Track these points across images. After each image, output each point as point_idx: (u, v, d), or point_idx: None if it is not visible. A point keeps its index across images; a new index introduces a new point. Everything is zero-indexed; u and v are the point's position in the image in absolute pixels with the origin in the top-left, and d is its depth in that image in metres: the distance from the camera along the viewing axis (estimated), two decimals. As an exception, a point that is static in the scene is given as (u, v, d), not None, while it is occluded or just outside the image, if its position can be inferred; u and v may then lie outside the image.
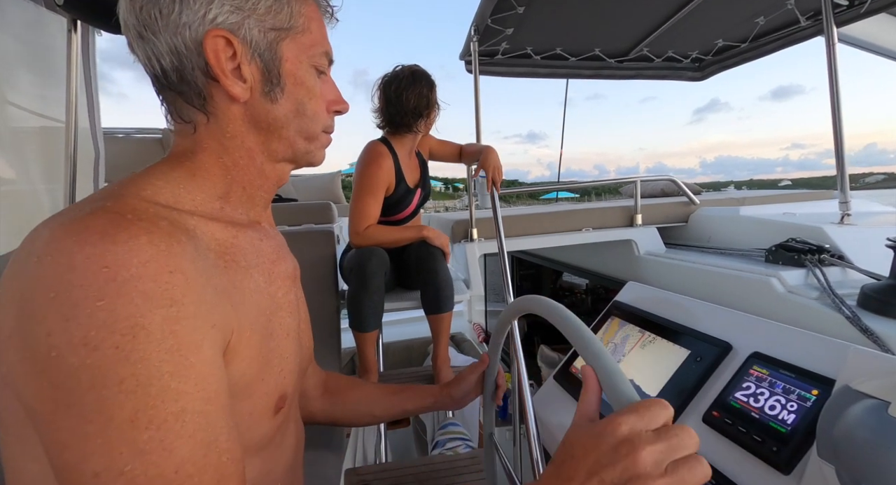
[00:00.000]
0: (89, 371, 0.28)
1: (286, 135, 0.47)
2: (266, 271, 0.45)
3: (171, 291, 0.31)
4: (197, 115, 0.43)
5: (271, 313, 0.44)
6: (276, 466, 0.47)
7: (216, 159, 0.44)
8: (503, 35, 1.95)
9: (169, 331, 0.30)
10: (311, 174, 4.00)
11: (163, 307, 0.30)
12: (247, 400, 0.40)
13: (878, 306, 0.98)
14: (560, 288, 3.07)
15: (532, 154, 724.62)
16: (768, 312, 1.20)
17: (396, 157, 1.48)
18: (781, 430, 0.63)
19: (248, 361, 0.39)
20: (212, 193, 0.43)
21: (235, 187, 0.45)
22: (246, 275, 0.41)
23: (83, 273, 0.29)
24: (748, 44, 2.13)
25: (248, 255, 0.43)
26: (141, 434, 0.28)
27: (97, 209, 0.32)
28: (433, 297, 1.40)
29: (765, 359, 0.74)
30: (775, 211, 1.83)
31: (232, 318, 0.37)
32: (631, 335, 1.03)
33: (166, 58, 0.40)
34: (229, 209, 0.44)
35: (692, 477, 0.29)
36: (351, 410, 0.70)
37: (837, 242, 1.33)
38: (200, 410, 0.31)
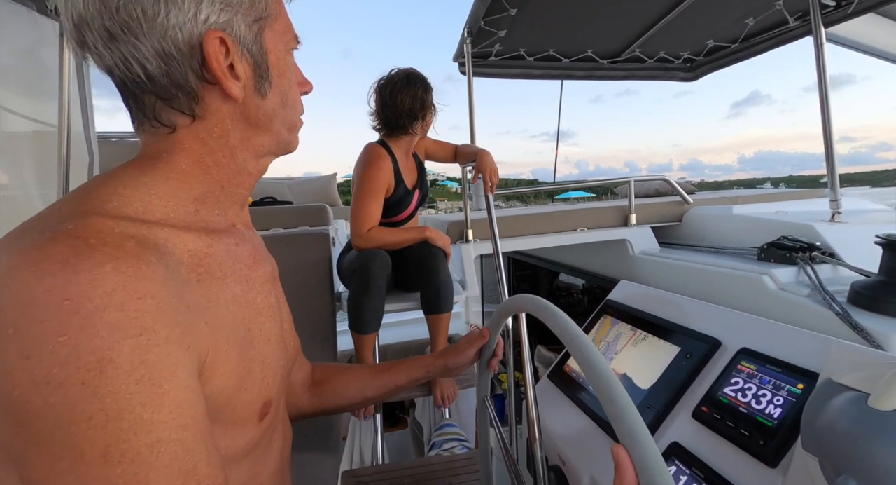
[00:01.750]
0: (54, 410, 0.27)
1: (273, 128, 0.46)
2: (243, 278, 0.44)
3: (140, 319, 0.29)
4: (178, 118, 0.41)
5: (250, 321, 0.43)
6: (264, 469, 0.46)
7: (196, 160, 0.42)
8: (496, 37, 1.96)
9: (139, 361, 0.29)
10: (307, 177, 4.01)
11: (131, 337, 0.29)
12: (230, 411, 0.39)
13: (868, 303, 0.99)
14: (557, 288, 3.08)
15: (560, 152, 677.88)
16: (761, 310, 1.21)
17: (395, 158, 1.49)
18: (768, 424, 0.64)
19: (228, 375, 0.38)
20: (187, 196, 0.41)
21: (214, 187, 0.43)
22: (221, 286, 0.40)
23: (43, 307, 0.27)
24: (738, 44, 2.15)
25: (224, 263, 0.41)
26: (114, 469, 0.27)
27: (58, 234, 0.30)
28: (433, 297, 1.41)
29: (753, 354, 0.74)
30: (768, 209, 1.85)
31: (206, 336, 0.36)
32: (623, 333, 1.03)
33: (152, 62, 0.38)
34: (205, 212, 0.42)
35: None
36: (340, 396, 0.68)
37: (828, 239, 1.34)
38: (177, 438, 0.30)
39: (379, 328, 1.42)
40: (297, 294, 1.71)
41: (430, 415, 1.70)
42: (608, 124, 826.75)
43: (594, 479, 0.78)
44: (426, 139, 1.68)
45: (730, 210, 1.84)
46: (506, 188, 2.32)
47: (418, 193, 1.60)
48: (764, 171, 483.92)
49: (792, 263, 1.29)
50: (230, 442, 0.40)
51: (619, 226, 2.01)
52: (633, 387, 0.87)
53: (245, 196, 0.48)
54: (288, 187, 3.60)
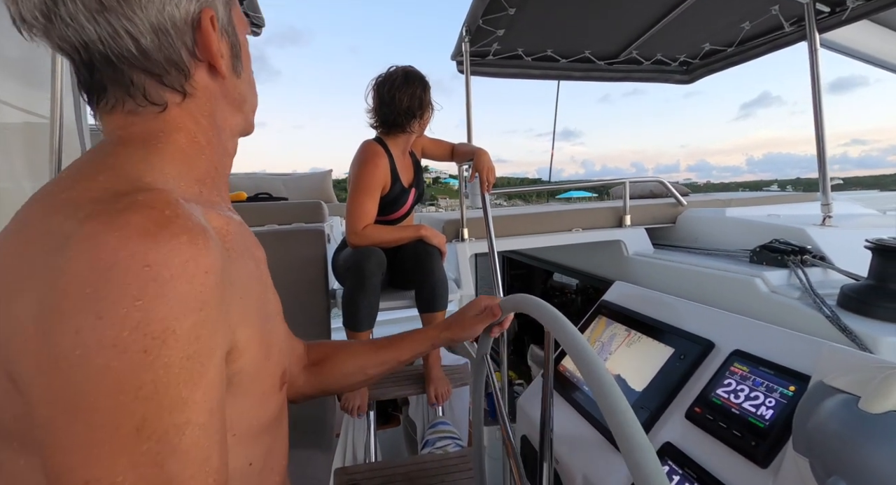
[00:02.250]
0: (112, 375, 0.26)
1: (245, 109, 0.48)
2: (252, 256, 0.45)
3: (203, 293, 0.30)
4: (170, 96, 0.40)
5: (264, 297, 0.44)
6: (277, 441, 0.47)
7: (191, 139, 0.41)
8: (494, 36, 1.96)
9: (195, 336, 0.29)
10: (302, 173, 3.98)
11: (194, 311, 0.29)
12: (259, 382, 0.40)
13: (857, 306, 1.00)
14: (551, 288, 3.09)
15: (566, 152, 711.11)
16: (752, 312, 1.22)
17: (391, 156, 1.48)
18: (760, 425, 0.64)
19: (256, 348, 0.39)
20: (191, 177, 0.41)
21: (209, 168, 0.43)
22: (241, 262, 0.40)
23: (125, 270, 0.27)
24: (734, 48, 2.17)
25: (238, 241, 0.42)
26: (141, 445, 0.27)
27: (135, 204, 0.31)
28: (428, 295, 1.41)
29: (745, 356, 0.75)
30: (760, 212, 1.87)
31: (240, 312, 0.36)
32: (617, 334, 1.04)
33: (146, 37, 0.37)
34: (206, 193, 0.42)
35: None
36: (339, 374, 0.67)
37: (819, 243, 1.36)
38: (203, 422, 0.30)
39: (373, 326, 1.41)
40: (291, 291, 1.70)
41: (424, 413, 1.71)
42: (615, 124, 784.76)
43: (587, 478, 0.79)
44: (423, 137, 1.67)
45: (723, 213, 1.86)
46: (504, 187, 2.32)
47: (414, 192, 1.59)
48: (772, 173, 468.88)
49: (783, 265, 1.31)
50: (261, 413, 0.40)
51: (613, 227, 2.02)
52: (626, 387, 0.87)
53: (228, 178, 0.49)
54: (283, 183, 3.57)
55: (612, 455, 0.78)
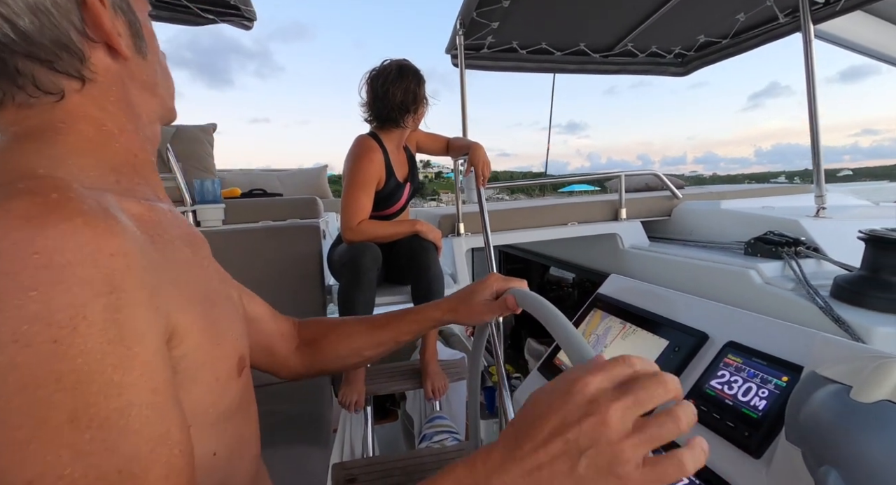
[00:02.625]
0: (20, 371, 0.25)
1: (159, 93, 0.45)
2: (189, 242, 0.42)
3: (112, 276, 0.28)
4: (66, 83, 0.37)
5: (206, 283, 0.42)
6: (247, 431, 0.46)
7: (98, 128, 0.38)
8: (489, 29, 1.94)
9: (111, 320, 0.27)
10: (297, 169, 3.96)
11: (104, 295, 0.27)
12: (210, 367, 0.38)
13: (850, 297, 1.01)
14: (547, 282, 3.10)
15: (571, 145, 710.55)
16: (747, 304, 1.23)
17: (386, 151, 1.48)
18: (753, 416, 0.65)
19: (201, 332, 0.37)
20: (104, 167, 0.38)
21: (127, 156, 0.41)
22: (173, 247, 0.38)
23: (10, 260, 0.25)
24: (729, 40, 2.16)
25: (168, 228, 0.39)
26: (82, 435, 0.26)
27: (14, 192, 0.28)
28: (424, 291, 1.41)
29: (739, 348, 0.76)
30: (755, 205, 1.87)
31: (173, 296, 0.34)
32: (613, 327, 1.05)
33: (25, 18, 0.33)
34: (126, 182, 0.39)
35: (662, 432, 0.28)
36: (333, 356, 0.64)
37: (813, 234, 1.37)
38: (148, 402, 0.29)
39: None
40: (287, 287, 1.71)
41: (421, 407, 1.71)
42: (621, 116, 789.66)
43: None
44: (417, 132, 1.66)
45: (717, 205, 1.86)
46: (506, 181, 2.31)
47: (409, 186, 1.59)
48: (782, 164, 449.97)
49: (777, 257, 1.31)
50: (217, 400, 0.39)
51: (609, 220, 2.03)
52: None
53: (155, 165, 0.46)
54: (278, 179, 3.55)
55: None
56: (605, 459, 0.28)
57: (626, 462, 0.27)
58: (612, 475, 0.28)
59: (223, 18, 1.89)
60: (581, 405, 0.29)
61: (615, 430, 0.28)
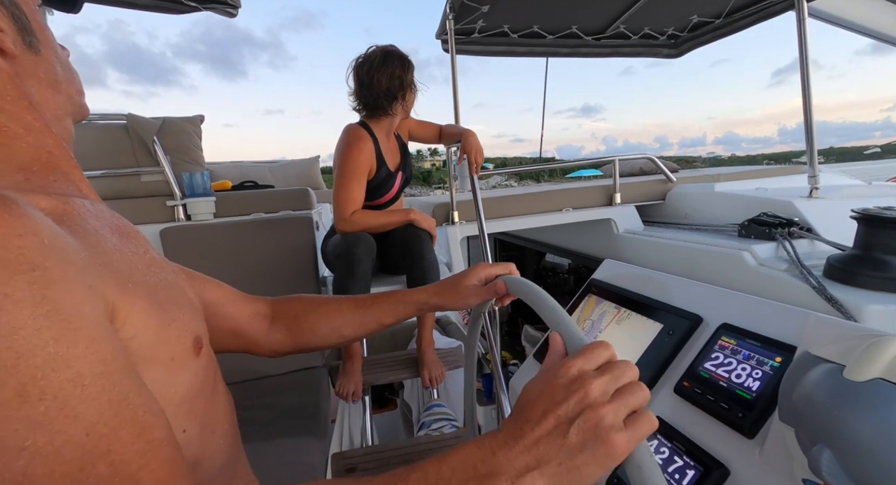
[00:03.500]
0: None
1: (62, 89, 0.44)
2: (116, 232, 0.41)
3: (27, 255, 0.27)
4: None
5: (143, 269, 0.40)
6: (217, 408, 0.46)
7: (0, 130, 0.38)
8: (479, 12, 1.91)
9: (41, 296, 0.27)
10: (290, 160, 3.91)
11: (24, 273, 0.26)
12: (163, 347, 0.38)
13: (843, 276, 1.01)
14: (543, 268, 3.10)
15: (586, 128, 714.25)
16: (741, 285, 1.23)
17: (376, 140, 1.46)
18: (747, 397, 0.65)
19: (146, 312, 0.36)
20: (8, 165, 0.37)
21: (39, 154, 0.40)
22: (97, 236, 0.37)
23: None
24: (722, 19, 2.13)
25: (88, 219, 0.38)
26: (36, 407, 0.26)
27: None
28: (419, 280, 1.40)
29: (733, 329, 0.76)
30: (748, 187, 1.87)
31: (106, 277, 0.33)
32: (607, 312, 1.05)
33: None
34: (37, 180, 0.39)
35: (634, 399, 0.34)
36: (312, 334, 0.64)
37: (806, 215, 1.37)
38: (99, 372, 0.28)
39: None
40: (280, 279, 1.70)
41: (419, 396, 1.72)
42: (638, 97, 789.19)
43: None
44: (409, 120, 1.64)
45: (711, 188, 1.86)
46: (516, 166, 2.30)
47: (401, 175, 1.57)
48: None
49: (771, 238, 1.31)
50: (176, 378, 0.39)
51: (603, 205, 2.02)
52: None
53: (74, 162, 0.44)
54: (269, 171, 3.51)
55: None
56: (590, 424, 0.33)
57: (610, 425, 0.33)
58: (598, 437, 0.32)
59: (206, 6, 1.84)
60: (567, 386, 0.35)
61: (597, 400, 0.34)
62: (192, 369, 0.41)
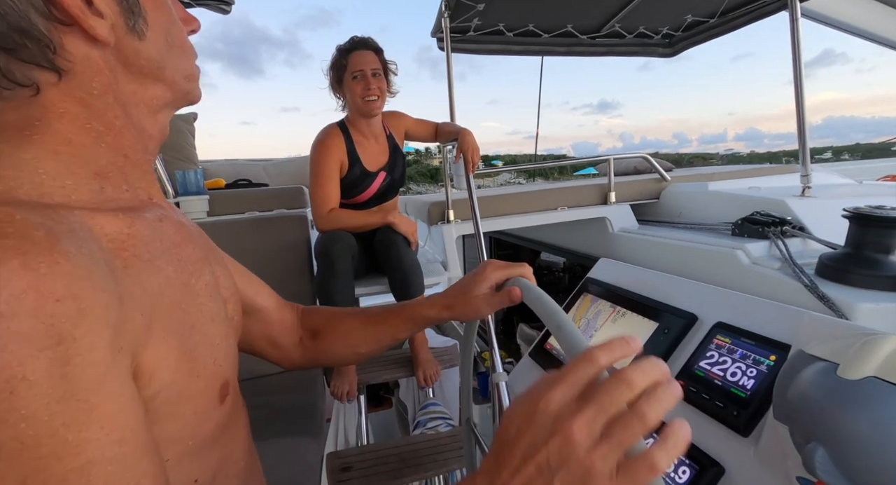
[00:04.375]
0: None
1: (165, 77, 0.39)
2: (175, 258, 0.38)
3: (58, 326, 0.25)
4: (40, 74, 0.32)
5: (188, 305, 0.38)
6: (235, 447, 0.45)
7: (82, 126, 0.34)
8: (474, 11, 1.90)
9: (59, 376, 0.24)
10: (283, 158, 3.89)
11: (49, 348, 0.24)
12: (187, 402, 0.36)
13: (835, 274, 1.02)
14: (538, 267, 3.11)
15: (602, 125, 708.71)
16: (735, 284, 1.24)
17: (350, 137, 1.46)
18: (742, 395, 0.66)
19: (175, 366, 0.34)
20: (86, 171, 0.34)
21: (115, 157, 0.36)
22: (152, 269, 0.34)
23: None
24: (717, 19, 2.14)
25: (151, 244, 0.35)
26: None
27: None
28: (401, 282, 1.40)
29: (728, 328, 0.76)
30: (741, 185, 1.89)
31: (142, 329, 0.31)
32: (603, 311, 1.05)
33: None
34: (111, 188, 0.36)
35: (628, 435, 0.27)
36: (330, 352, 0.63)
37: (798, 214, 1.38)
38: (112, 455, 0.26)
39: None
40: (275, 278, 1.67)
41: (415, 394, 1.72)
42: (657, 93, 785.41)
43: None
44: (406, 119, 1.63)
45: (705, 187, 1.87)
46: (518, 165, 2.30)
47: (384, 176, 1.55)
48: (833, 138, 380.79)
49: (764, 237, 1.32)
50: (196, 431, 0.37)
51: (598, 204, 2.03)
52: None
53: (151, 162, 0.42)
54: (263, 169, 3.49)
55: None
56: (576, 476, 0.27)
57: (598, 475, 0.27)
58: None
59: (199, 2, 1.83)
60: (546, 425, 0.29)
61: (581, 445, 0.27)
62: (213, 419, 0.39)
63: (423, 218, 2.01)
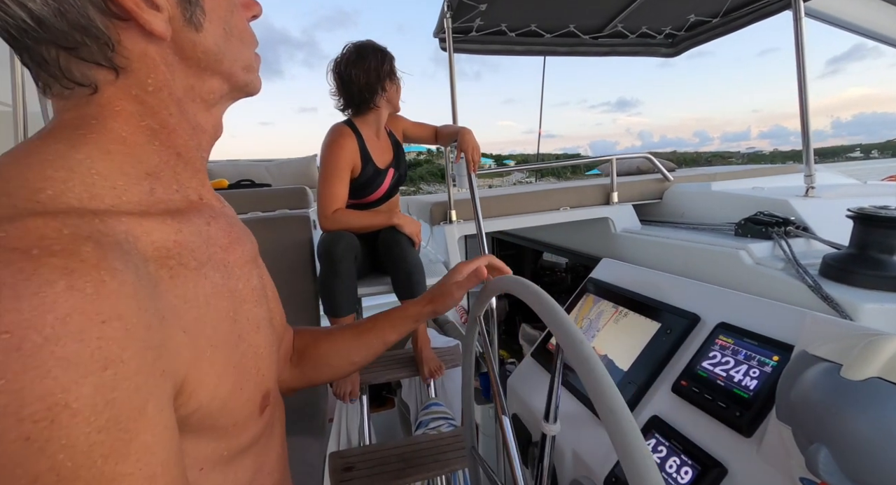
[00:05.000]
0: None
1: (223, 69, 0.38)
2: (222, 264, 0.37)
3: (105, 349, 0.24)
4: (97, 73, 0.32)
5: (235, 313, 0.37)
6: (268, 457, 0.44)
7: (137, 124, 0.33)
8: (477, 11, 1.90)
9: (103, 403, 0.23)
10: (286, 158, 3.90)
11: (94, 373, 0.23)
12: (227, 415, 0.35)
13: (838, 274, 1.02)
14: (540, 267, 3.11)
15: (620, 123, 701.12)
16: (738, 284, 1.24)
17: (361, 137, 1.46)
18: (744, 395, 0.65)
19: (216, 382, 0.33)
20: (137, 171, 0.33)
21: (168, 156, 0.36)
22: (198, 278, 0.33)
23: None
24: (720, 19, 2.14)
25: (198, 250, 0.35)
26: None
27: None
28: (404, 282, 1.40)
29: (730, 329, 0.76)
30: (745, 186, 1.88)
31: (185, 347, 0.30)
32: (605, 311, 1.05)
33: (37, 1, 0.28)
34: (161, 189, 0.35)
35: None
36: (324, 366, 0.62)
37: (802, 214, 1.37)
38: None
39: (355, 311, 1.41)
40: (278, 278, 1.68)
41: (417, 394, 1.72)
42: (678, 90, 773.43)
43: (576, 453, 0.80)
44: (403, 120, 1.64)
45: (708, 187, 1.87)
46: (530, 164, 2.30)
47: (392, 173, 1.56)
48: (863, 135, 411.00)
49: (767, 237, 1.32)
50: (233, 442, 0.36)
51: (601, 204, 2.02)
52: (614, 363, 0.88)
53: (205, 160, 0.41)
54: (266, 169, 3.50)
55: (601, 431, 0.79)
56: None
57: None
58: None
59: None
60: None
61: None
62: (252, 430, 0.38)
63: (426, 218, 2.02)
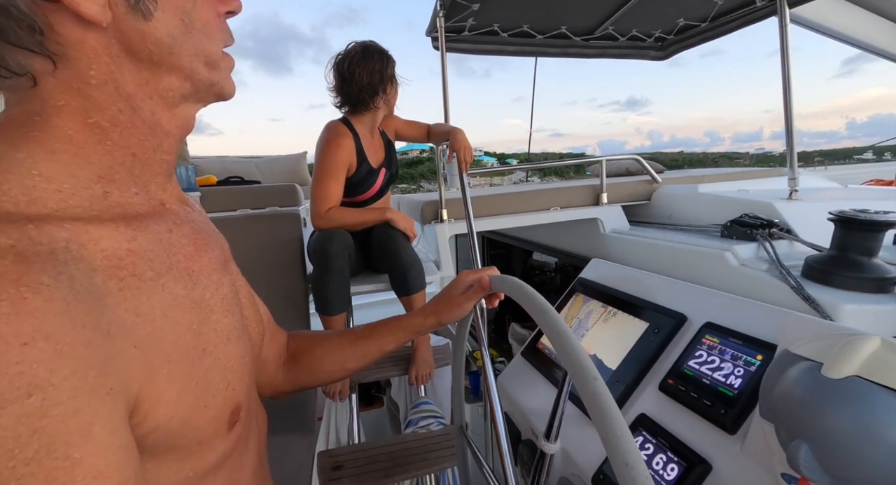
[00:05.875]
0: None
1: (181, 64, 0.34)
2: (185, 273, 0.35)
3: (27, 374, 0.21)
4: (34, 61, 0.28)
5: (200, 325, 0.34)
6: (243, 475, 0.41)
7: (83, 121, 0.30)
8: (469, 10, 1.91)
9: (29, 432, 0.21)
10: (276, 155, 3.86)
11: (15, 402, 0.21)
12: (189, 434, 0.32)
13: (820, 276, 1.04)
14: (530, 267, 3.13)
15: (630, 123, 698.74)
16: (723, 285, 1.26)
17: (357, 136, 1.45)
18: (729, 394, 0.67)
19: (177, 399, 0.31)
20: (87, 173, 0.30)
21: (123, 157, 0.33)
22: (155, 289, 0.31)
23: None
24: (708, 23, 2.17)
25: (156, 259, 0.32)
26: None
27: None
28: (401, 279, 1.40)
29: (716, 328, 0.78)
30: (731, 188, 1.91)
31: (137, 363, 0.28)
32: (594, 310, 1.06)
33: None
34: (117, 193, 0.32)
35: None
36: (318, 371, 0.60)
37: (785, 216, 1.41)
38: None
39: (347, 309, 1.41)
40: (267, 277, 1.68)
41: (406, 393, 1.72)
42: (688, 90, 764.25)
43: (566, 452, 0.81)
44: (395, 119, 1.64)
45: (695, 189, 1.90)
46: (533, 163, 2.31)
47: (385, 172, 1.57)
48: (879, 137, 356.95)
49: (752, 239, 1.35)
50: (199, 463, 0.34)
51: (590, 205, 2.04)
52: (603, 363, 0.89)
53: (170, 164, 0.37)
54: (256, 166, 3.46)
55: (588, 428, 0.80)
56: None
57: None
58: None
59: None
60: None
61: None
62: (220, 448, 0.36)
63: (417, 217, 2.02)
